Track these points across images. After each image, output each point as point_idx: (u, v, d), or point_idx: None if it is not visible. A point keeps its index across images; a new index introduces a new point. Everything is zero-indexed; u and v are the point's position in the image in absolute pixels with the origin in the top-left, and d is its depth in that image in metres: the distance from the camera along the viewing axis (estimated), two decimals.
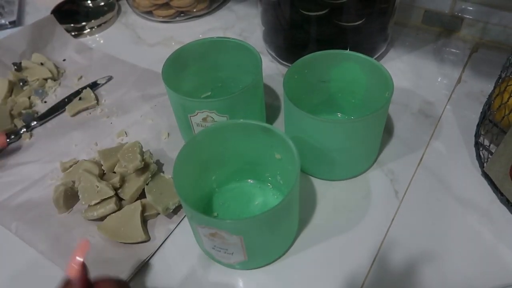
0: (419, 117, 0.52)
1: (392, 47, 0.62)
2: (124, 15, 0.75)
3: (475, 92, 0.54)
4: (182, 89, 0.48)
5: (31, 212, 0.45)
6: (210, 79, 0.52)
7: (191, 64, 0.49)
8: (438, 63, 0.59)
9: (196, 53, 0.49)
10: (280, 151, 0.40)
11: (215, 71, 0.51)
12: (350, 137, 0.41)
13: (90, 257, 0.41)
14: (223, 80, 0.53)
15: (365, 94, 0.47)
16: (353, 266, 0.39)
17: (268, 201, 0.44)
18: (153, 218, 0.44)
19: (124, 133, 0.53)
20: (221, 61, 0.51)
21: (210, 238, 0.35)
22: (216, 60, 0.51)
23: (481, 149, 0.46)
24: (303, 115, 0.40)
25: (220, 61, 0.51)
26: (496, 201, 0.43)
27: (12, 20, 0.72)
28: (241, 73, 0.51)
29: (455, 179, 0.45)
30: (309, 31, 0.55)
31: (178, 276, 0.39)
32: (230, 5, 0.74)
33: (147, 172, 0.44)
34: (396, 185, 0.45)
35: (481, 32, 0.61)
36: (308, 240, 0.41)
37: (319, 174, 0.46)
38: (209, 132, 0.40)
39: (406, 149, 0.48)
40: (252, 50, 0.47)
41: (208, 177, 0.44)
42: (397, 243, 0.40)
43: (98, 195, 0.42)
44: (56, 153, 0.51)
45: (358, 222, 0.42)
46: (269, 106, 0.55)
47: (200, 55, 0.49)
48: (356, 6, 0.52)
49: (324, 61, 0.46)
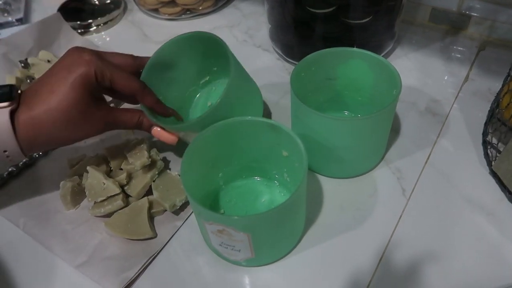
0: (426, 115, 0.52)
1: (399, 45, 0.62)
2: (130, 13, 0.75)
3: (482, 91, 0.54)
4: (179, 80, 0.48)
5: (38, 208, 0.45)
6: (204, 66, 0.51)
7: (177, 60, 0.48)
8: (445, 61, 0.59)
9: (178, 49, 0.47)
10: (287, 148, 0.40)
11: (205, 59, 0.50)
12: (357, 135, 0.41)
13: (96, 254, 0.41)
14: (217, 64, 0.50)
15: (372, 91, 0.47)
16: (360, 265, 0.39)
17: (275, 199, 0.44)
18: (159, 215, 0.44)
19: (131, 131, 0.53)
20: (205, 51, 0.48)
21: (217, 235, 0.35)
22: (203, 51, 0.48)
23: (489, 148, 0.46)
24: (310, 112, 0.39)
25: (205, 51, 0.48)
26: (504, 199, 0.43)
27: (19, 18, 0.73)
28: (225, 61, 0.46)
29: (463, 177, 0.45)
30: (315, 29, 0.55)
31: (185, 273, 0.40)
32: (236, 3, 0.74)
33: (154, 169, 0.44)
34: (403, 183, 0.45)
35: (488, 30, 0.60)
36: (315, 238, 0.41)
37: (325, 172, 0.46)
38: (216, 129, 0.40)
39: (413, 147, 0.48)
40: (216, 39, 0.44)
41: (215, 174, 0.44)
42: (404, 241, 0.40)
43: (105, 192, 0.43)
44: (64, 149, 0.51)
45: (365, 220, 0.42)
46: (275, 105, 0.55)
47: (183, 51, 0.48)
48: (363, 4, 0.52)
49: (331, 59, 0.46)
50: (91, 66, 0.37)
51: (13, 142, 0.36)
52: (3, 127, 0.36)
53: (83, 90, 0.37)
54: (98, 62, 0.38)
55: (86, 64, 0.37)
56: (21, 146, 0.37)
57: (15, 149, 0.37)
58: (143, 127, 0.43)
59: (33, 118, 0.36)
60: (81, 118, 0.38)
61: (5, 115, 0.36)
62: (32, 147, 0.38)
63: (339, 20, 0.53)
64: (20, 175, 0.49)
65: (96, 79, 0.38)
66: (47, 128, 0.37)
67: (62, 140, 0.39)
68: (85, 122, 0.38)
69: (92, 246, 0.41)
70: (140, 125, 0.43)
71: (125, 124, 0.42)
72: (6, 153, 0.37)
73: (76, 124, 0.38)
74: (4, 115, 0.36)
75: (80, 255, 0.41)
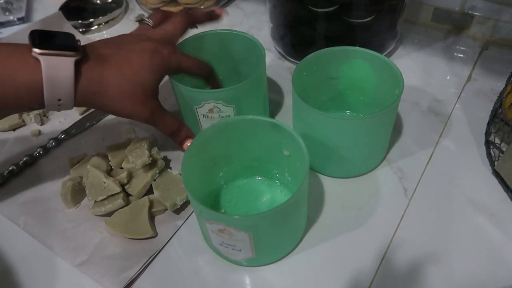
0: (428, 115, 0.51)
1: (401, 44, 0.62)
2: (132, 12, 0.75)
3: (485, 90, 0.54)
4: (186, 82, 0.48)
5: (39, 207, 0.45)
6: None
7: None
8: (447, 61, 0.59)
9: (197, 46, 0.49)
10: (288, 147, 0.40)
11: (217, 64, 0.51)
12: (359, 134, 0.41)
13: (97, 253, 0.41)
14: (224, 73, 0.52)
15: (374, 91, 0.47)
16: (361, 265, 0.39)
17: (276, 198, 0.43)
18: (160, 214, 0.44)
19: (132, 130, 0.53)
20: (222, 53, 0.51)
21: (218, 235, 0.35)
22: (217, 53, 0.50)
23: (491, 148, 0.46)
24: (312, 111, 0.39)
25: (221, 53, 0.51)
26: (506, 200, 0.42)
27: (21, 17, 0.73)
28: (242, 66, 0.51)
29: (465, 177, 0.45)
30: (317, 28, 0.55)
31: (185, 272, 0.39)
32: (238, 2, 0.74)
33: (154, 168, 0.44)
34: (405, 183, 0.45)
35: (491, 29, 0.60)
36: (316, 238, 0.41)
37: (327, 172, 0.46)
38: (217, 128, 0.39)
39: (415, 147, 0.48)
40: (254, 41, 0.47)
41: (216, 174, 0.44)
42: (406, 241, 0.40)
43: (105, 191, 0.42)
44: (64, 148, 0.51)
45: (366, 220, 0.42)
46: (276, 104, 0.55)
47: (201, 49, 0.49)
48: (366, 3, 0.52)
49: (333, 58, 0.46)
50: (172, 59, 0.41)
51: (71, 92, 0.36)
52: (66, 76, 0.36)
53: (157, 78, 0.40)
54: (177, 55, 0.41)
55: (167, 57, 0.41)
56: (77, 97, 0.37)
57: (70, 99, 0.37)
58: (177, 138, 0.44)
59: (102, 76, 0.37)
60: (142, 100, 0.40)
61: (69, 65, 0.36)
62: (86, 101, 0.38)
63: (341, 19, 0.53)
64: (20, 173, 0.49)
65: (171, 71, 0.42)
66: (110, 92, 0.38)
67: (113, 109, 0.40)
68: (141, 104, 0.40)
69: (92, 245, 0.41)
70: (175, 135, 0.44)
71: (164, 126, 0.43)
72: (60, 102, 0.37)
73: (134, 102, 0.39)
74: (69, 65, 0.36)
75: (81, 254, 0.41)
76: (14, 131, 0.54)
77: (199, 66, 0.44)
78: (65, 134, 0.52)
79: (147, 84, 0.40)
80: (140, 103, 0.40)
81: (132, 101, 0.39)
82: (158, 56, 0.40)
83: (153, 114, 0.41)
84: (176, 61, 0.41)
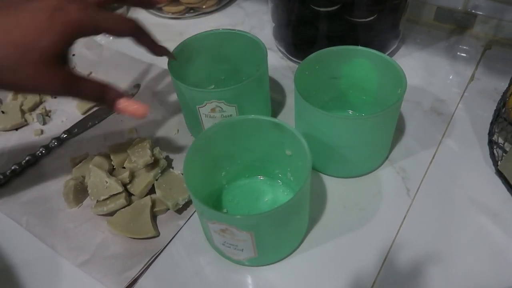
0: (431, 115, 0.51)
1: (404, 44, 0.62)
2: (133, 11, 0.74)
3: (488, 90, 0.54)
4: (187, 82, 0.48)
5: (41, 207, 0.45)
6: (213, 72, 0.52)
7: (195, 57, 0.49)
8: (450, 61, 0.58)
9: (200, 46, 0.49)
10: (290, 147, 0.40)
11: (218, 64, 0.51)
12: (362, 134, 0.41)
13: (99, 252, 0.41)
14: (226, 73, 0.52)
15: (377, 91, 0.47)
16: (363, 265, 0.38)
17: (278, 198, 0.43)
18: (162, 214, 0.44)
19: (134, 130, 0.53)
20: (224, 53, 0.51)
21: (220, 234, 0.35)
22: (220, 52, 0.50)
23: (495, 147, 0.46)
24: (314, 111, 0.39)
25: (223, 53, 0.51)
26: (510, 200, 0.42)
27: None
28: (244, 65, 0.51)
29: (468, 177, 0.44)
30: (319, 28, 0.55)
31: (187, 272, 0.39)
32: (240, 2, 0.74)
33: (156, 168, 0.44)
34: (408, 183, 0.44)
35: (494, 29, 0.60)
36: (318, 238, 0.41)
37: (329, 171, 0.46)
38: (219, 128, 0.39)
39: (418, 147, 0.48)
40: (256, 41, 0.47)
41: (218, 173, 0.44)
42: (408, 241, 0.40)
43: (107, 191, 0.42)
44: (67, 148, 0.51)
45: (369, 220, 0.42)
46: (278, 103, 0.55)
47: (204, 48, 0.49)
48: (368, 2, 0.52)
49: (336, 57, 0.46)
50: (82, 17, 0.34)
51: None
52: None
53: (61, 40, 0.33)
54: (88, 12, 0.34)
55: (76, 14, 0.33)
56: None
57: None
58: (106, 102, 0.37)
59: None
60: (43, 69, 0.33)
61: None
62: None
63: (343, 18, 0.53)
64: (23, 173, 0.49)
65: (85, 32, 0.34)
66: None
67: (9, 84, 0.33)
68: (45, 74, 0.33)
69: (94, 244, 0.41)
70: (103, 100, 0.36)
71: (83, 94, 0.36)
72: None
73: (33, 73, 0.33)
74: None
75: (83, 253, 0.41)
76: (16, 130, 0.54)
77: (121, 23, 0.36)
78: (67, 133, 0.52)
79: (47, 49, 0.32)
80: (42, 73, 0.33)
81: (30, 72, 0.32)
82: (61, 14, 0.33)
83: (64, 83, 0.34)
84: (89, 19, 0.34)
